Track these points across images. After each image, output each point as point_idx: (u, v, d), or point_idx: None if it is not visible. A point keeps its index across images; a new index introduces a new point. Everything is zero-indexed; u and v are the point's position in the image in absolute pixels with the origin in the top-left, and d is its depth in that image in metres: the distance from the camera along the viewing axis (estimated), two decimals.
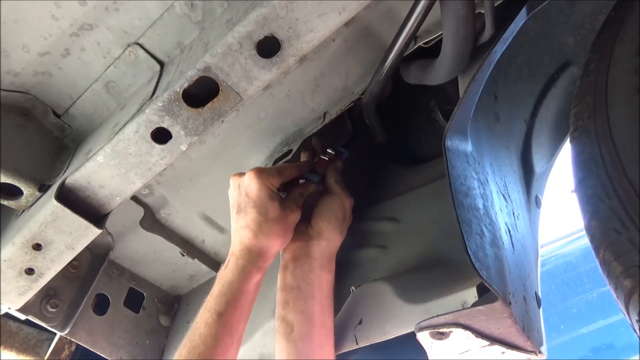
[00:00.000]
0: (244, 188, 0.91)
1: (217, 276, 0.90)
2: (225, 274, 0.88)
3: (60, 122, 0.95)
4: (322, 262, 0.96)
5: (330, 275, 0.97)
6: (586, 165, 0.64)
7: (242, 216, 0.90)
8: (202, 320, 0.84)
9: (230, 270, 0.88)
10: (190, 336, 0.84)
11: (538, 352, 0.71)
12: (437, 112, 1.15)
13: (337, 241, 0.99)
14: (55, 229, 0.83)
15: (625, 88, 0.62)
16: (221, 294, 0.86)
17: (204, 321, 0.84)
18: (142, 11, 0.83)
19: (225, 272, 0.88)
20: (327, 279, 0.96)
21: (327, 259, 0.97)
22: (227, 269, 0.88)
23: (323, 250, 0.97)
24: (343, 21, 0.69)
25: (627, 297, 0.57)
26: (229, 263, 0.89)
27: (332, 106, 0.99)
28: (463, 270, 0.84)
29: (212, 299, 0.86)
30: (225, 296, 0.85)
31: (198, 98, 0.75)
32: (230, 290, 0.86)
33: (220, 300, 0.85)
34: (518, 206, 0.89)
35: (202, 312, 0.86)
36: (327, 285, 0.96)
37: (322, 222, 0.97)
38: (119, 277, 1.25)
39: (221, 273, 0.89)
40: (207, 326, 0.83)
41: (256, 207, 0.89)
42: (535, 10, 0.74)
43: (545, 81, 0.99)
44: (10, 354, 1.38)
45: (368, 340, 0.92)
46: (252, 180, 0.89)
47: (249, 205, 0.89)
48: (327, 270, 0.97)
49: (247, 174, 0.90)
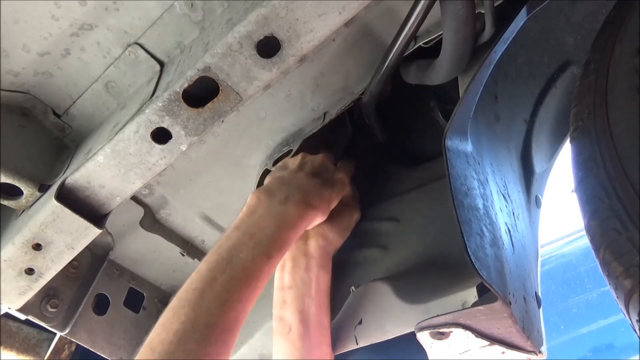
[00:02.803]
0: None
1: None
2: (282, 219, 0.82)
3: (60, 122, 0.95)
4: (320, 262, 0.96)
5: (328, 275, 0.97)
6: (586, 165, 0.64)
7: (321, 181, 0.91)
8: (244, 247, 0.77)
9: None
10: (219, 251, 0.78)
11: (538, 352, 0.71)
12: (437, 112, 1.14)
13: (336, 244, 0.99)
14: (55, 229, 0.83)
15: (625, 88, 0.63)
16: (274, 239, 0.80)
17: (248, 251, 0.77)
18: (142, 11, 0.83)
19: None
20: (325, 278, 0.96)
21: (325, 259, 0.97)
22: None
23: (322, 250, 0.96)
24: (343, 21, 0.69)
25: (627, 297, 0.57)
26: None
27: (332, 106, 0.99)
28: (463, 270, 0.84)
29: (265, 237, 0.80)
30: (277, 243, 0.80)
31: (198, 98, 0.75)
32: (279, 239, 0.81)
33: (273, 246, 0.80)
34: (518, 206, 0.89)
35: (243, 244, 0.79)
36: (325, 285, 0.96)
37: (325, 224, 0.97)
38: (119, 277, 1.25)
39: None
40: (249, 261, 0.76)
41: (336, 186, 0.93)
42: (535, 10, 0.74)
43: (545, 81, 0.99)
44: (10, 354, 1.38)
45: (368, 340, 0.92)
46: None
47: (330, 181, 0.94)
48: (325, 269, 0.97)
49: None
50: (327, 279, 0.97)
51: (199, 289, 0.73)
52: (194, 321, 0.70)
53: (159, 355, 0.67)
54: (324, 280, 0.96)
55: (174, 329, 0.69)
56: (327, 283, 0.97)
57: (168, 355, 0.67)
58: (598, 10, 0.93)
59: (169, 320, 0.71)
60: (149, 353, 0.68)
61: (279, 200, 0.85)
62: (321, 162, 0.97)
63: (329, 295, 0.96)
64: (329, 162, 0.99)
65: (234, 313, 0.73)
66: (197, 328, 0.69)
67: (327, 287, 0.96)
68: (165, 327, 0.70)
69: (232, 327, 0.73)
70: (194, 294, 0.73)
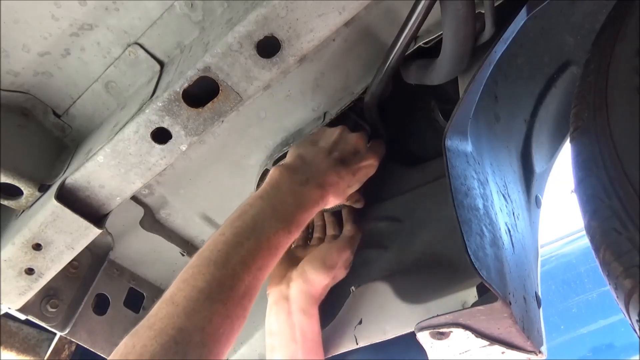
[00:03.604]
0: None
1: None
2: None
3: (60, 122, 0.95)
4: (302, 306, 0.92)
5: (312, 320, 0.93)
6: (586, 165, 0.64)
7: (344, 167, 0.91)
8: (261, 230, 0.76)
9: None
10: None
11: (538, 352, 0.71)
12: (437, 112, 1.14)
13: (319, 286, 0.94)
14: (55, 229, 0.83)
15: (625, 88, 0.63)
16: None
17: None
18: (142, 11, 0.83)
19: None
20: (308, 323, 0.92)
21: (308, 303, 0.93)
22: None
23: (303, 294, 0.93)
24: (343, 21, 0.69)
25: (627, 297, 0.57)
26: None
27: (332, 106, 0.99)
28: (463, 270, 0.84)
29: (286, 213, 0.80)
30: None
31: (198, 98, 0.75)
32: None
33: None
34: (518, 206, 0.89)
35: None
36: (309, 329, 0.92)
37: (306, 265, 0.94)
38: (119, 277, 1.25)
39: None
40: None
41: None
42: (535, 10, 0.74)
43: (545, 81, 0.99)
44: (10, 354, 1.38)
45: (368, 340, 0.92)
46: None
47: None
48: (308, 314, 0.92)
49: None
50: (311, 323, 0.93)
51: (225, 251, 0.72)
52: (220, 281, 0.69)
53: (183, 310, 0.65)
54: (308, 325, 0.92)
55: (200, 287, 0.68)
56: (311, 327, 0.93)
57: (194, 312, 0.66)
58: (598, 10, 0.93)
59: (192, 277, 0.69)
60: (171, 307, 0.66)
61: (300, 181, 0.84)
62: (354, 146, 0.94)
63: (317, 340, 0.93)
64: (363, 144, 0.95)
65: (255, 280, 0.74)
66: (223, 288, 0.69)
67: (312, 331, 0.93)
68: (190, 284, 0.68)
69: (253, 292, 0.74)
70: (219, 255, 0.72)
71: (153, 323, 0.66)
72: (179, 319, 0.65)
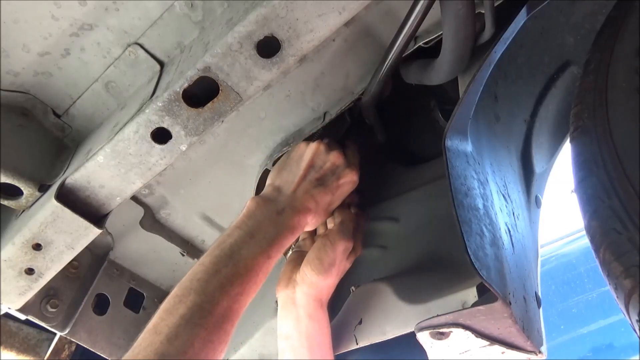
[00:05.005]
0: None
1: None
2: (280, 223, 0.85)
3: (60, 122, 0.95)
4: (308, 310, 0.93)
5: (318, 323, 0.93)
6: (586, 165, 0.64)
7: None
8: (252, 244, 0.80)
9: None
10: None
11: (538, 352, 0.71)
12: (437, 112, 1.15)
13: (323, 287, 0.94)
14: (55, 229, 0.83)
15: (625, 88, 0.63)
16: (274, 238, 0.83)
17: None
18: (142, 11, 0.83)
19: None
20: (315, 327, 0.93)
21: (314, 306, 0.93)
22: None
23: (308, 297, 0.93)
24: (343, 21, 0.69)
25: (627, 297, 0.57)
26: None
27: (332, 106, 0.99)
28: (463, 270, 0.84)
29: (264, 239, 0.82)
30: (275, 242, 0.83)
31: (198, 98, 0.75)
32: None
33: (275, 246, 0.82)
34: (518, 206, 0.89)
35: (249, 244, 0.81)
36: (316, 334, 0.93)
37: (306, 268, 0.94)
38: (119, 277, 1.25)
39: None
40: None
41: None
42: (535, 10, 0.75)
43: (545, 81, 0.99)
44: (10, 354, 1.38)
45: (368, 340, 0.92)
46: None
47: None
48: (315, 318, 0.93)
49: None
50: (319, 327, 0.93)
51: (204, 279, 0.75)
52: (200, 306, 0.72)
53: (165, 337, 0.67)
54: (314, 330, 0.93)
55: (181, 313, 0.70)
56: (318, 332, 0.93)
57: (175, 337, 0.67)
58: (598, 10, 0.93)
59: (173, 306, 0.72)
60: (153, 336, 0.68)
61: (277, 210, 0.86)
62: (332, 163, 0.94)
63: (324, 343, 0.94)
64: (341, 160, 0.95)
65: (235, 304, 0.76)
66: (203, 313, 0.71)
67: (320, 335, 0.93)
68: (171, 312, 0.71)
69: (233, 317, 0.76)
70: (199, 283, 0.74)
71: (137, 353, 0.68)
72: (162, 345, 0.66)
